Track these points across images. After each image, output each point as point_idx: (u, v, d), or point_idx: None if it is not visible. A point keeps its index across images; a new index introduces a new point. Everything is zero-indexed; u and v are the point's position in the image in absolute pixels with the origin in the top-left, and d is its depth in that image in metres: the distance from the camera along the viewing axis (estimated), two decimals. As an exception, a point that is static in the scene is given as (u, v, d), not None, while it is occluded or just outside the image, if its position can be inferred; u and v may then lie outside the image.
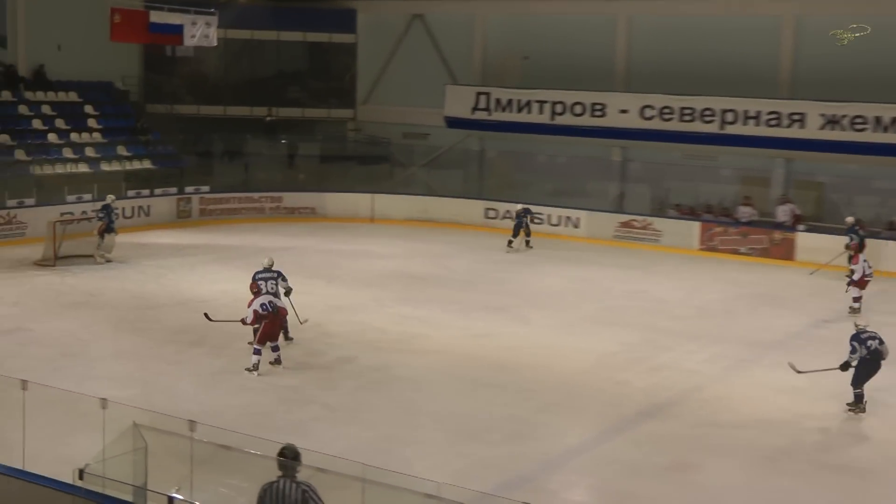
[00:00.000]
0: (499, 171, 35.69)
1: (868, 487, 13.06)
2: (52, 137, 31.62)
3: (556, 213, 31.32)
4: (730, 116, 29.47)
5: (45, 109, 32.52)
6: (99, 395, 11.32)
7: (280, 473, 8.79)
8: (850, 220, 25.34)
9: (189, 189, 31.95)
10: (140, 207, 30.40)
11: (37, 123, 31.80)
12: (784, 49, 30.20)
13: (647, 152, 32.03)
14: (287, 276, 18.18)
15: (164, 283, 23.17)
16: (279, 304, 17.19)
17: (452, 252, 28.28)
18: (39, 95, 32.84)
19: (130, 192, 30.64)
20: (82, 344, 18.11)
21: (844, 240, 25.04)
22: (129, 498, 9.73)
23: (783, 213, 28.88)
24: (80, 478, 9.77)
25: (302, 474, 8.93)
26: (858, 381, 15.28)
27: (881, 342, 15.27)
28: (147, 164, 33.01)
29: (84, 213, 26.67)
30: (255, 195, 32.86)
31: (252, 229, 30.60)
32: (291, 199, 33.14)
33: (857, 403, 15.34)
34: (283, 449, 8.96)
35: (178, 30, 28.93)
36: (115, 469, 9.77)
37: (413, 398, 15.79)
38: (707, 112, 29.75)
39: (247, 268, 24.80)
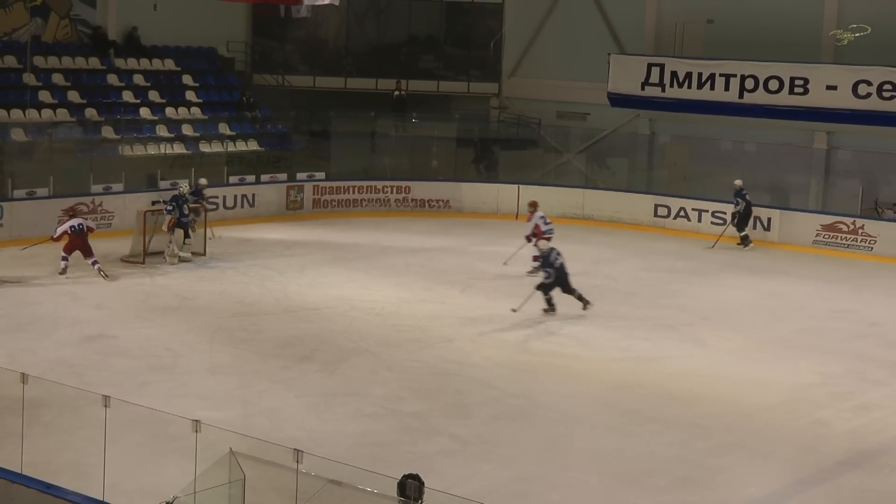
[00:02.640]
0: (673, 159, 35.42)
1: None
2: (144, 113, 32.65)
3: (742, 211, 30.96)
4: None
5: (138, 80, 33.60)
6: (191, 415, 11.63)
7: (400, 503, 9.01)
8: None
9: (301, 176, 32.62)
10: (244, 196, 31.17)
11: (127, 96, 32.89)
12: None
13: (859, 139, 31.41)
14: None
15: (269, 287, 23.63)
16: (89, 224, 24.16)
17: (614, 257, 28.20)
18: (131, 63, 33.95)
19: (233, 179, 31.47)
20: (173, 355, 18.58)
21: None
22: (222, 538, 10.01)
23: None
24: (168, 512, 10.09)
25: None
26: (548, 291, 21.70)
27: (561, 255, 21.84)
28: (253, 146, 33.83)
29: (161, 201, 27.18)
30: (379, 184, 33.34)
31: (374, 225, 31.03)
32: (422, 189, 33.55)
33: (549, 305, 21.81)
34: (405, 478, 9.14)
35: (295, -14, 29.47)
36: (208, 503, 10.01)
37: (561, 432, 15.79)
38: (941, 88, 29.02)
39: (367, 270, 25.32)
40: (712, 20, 33.67)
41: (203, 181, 26.69)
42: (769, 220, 30.60)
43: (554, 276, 21.53)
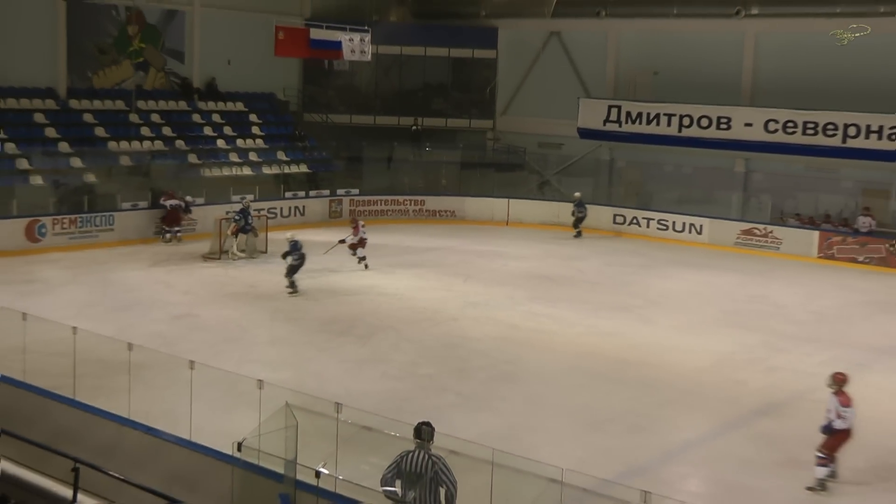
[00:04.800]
0: (627, 179, 35.35)
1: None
2: (220, 143, 32.70)
3: (680, 219, 30.97)
4: (852, 130, 28.46)
5: (215, 118, 33.64)
6: (256, 377, 11.73)
7: (416, 444, 9.08)
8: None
9: (340, 191, 32.61)
10: (296, 207, 31.20)
11: (207, 130, 32.93)
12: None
13: (769, 164, 31.33)
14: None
15: (315, 277, 23.65)
16: (184, 202, 27.19)
17: (582, 254, 28.16)
18: (210, 105, 33.99)
19: (288, 194, 31.51)
20: (242, 330, 18.68)
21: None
22: (280, 470, 10.07)
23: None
24: (239, 450, 10.17)
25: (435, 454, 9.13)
26: (292, 274, 21.70)
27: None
28: (303, 168, 33.84)
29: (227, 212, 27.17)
30: (400, 198, 33.33)
31: (397, 229, 31.03)
32: (433, 202, 33.53)
33: (292, 287, 21.61)
34: (420, 424, 9.23)
35: (337, 46, 29.55)
36: (269, 444, 10.08)
37: (541, 390, 15.84)
38: (830, 126, 28.74)
39: (391, 264, 25.33)
40: (658, 72, 33.67)
41: (248, 199, 26.45)
42: (701, 226, 30.57)
43: (300, 261, 21.89)
